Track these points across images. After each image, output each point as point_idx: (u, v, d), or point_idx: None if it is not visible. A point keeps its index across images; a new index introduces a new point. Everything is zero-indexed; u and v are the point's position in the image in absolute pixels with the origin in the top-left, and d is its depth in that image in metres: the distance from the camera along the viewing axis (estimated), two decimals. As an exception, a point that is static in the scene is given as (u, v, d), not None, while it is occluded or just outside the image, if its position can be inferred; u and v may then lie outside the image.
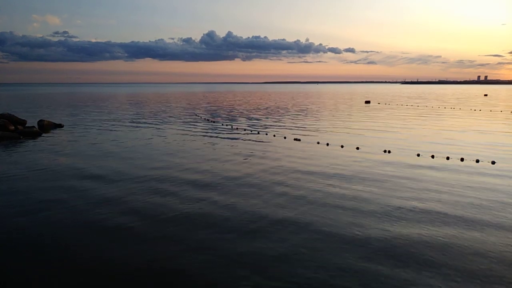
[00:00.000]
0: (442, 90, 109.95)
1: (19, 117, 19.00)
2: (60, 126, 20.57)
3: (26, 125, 18.49)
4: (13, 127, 17.19)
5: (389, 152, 12.69)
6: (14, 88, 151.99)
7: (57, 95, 73.58)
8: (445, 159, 11.55)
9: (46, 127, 19.83)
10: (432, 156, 11.86)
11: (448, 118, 24.77)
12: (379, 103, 42.51)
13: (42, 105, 40.60)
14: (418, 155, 12.11)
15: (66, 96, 68.30)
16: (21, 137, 16.47)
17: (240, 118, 25.54)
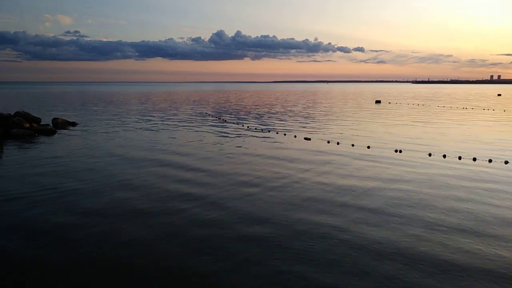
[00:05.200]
0: (454, 90, 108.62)
1: (33, 115, 19.35)
2: (73, 124, 20.91)
3: (41, 123, 18.83)
4: (28, 125, 17.52)
5: (400, 151, 12.66)
6: (28, 87, 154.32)
7: (69, 94, 74.59)
8: (457, 158, 11.49)
9: (60, 125, 20.17)
10: (444, 156, 11.81)
11: (460, 118, 24.53)
12: (389, 103, 42.22)
13: (56, 104, 41.23)
14: (430, 154, 12.07)
15: (79, 95, 69.21)
16: (36, 134, 16.80)
17: (250, 117, 25.63)
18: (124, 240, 5.76)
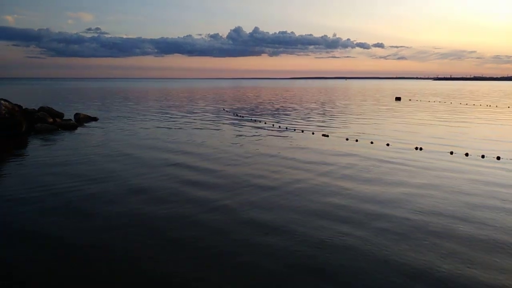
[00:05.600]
0: (478, 87, 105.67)
1: (56, 110, 19.86)
2: (95, 119, 21.36)
3: (64, 118, 19.31)
4: (52, 120, 18.00)
5: (420, 149, 12.44)
6: (51, 83, 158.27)
7: (91, 90, 76.18)
8: (480, 157, 11.21)
9: (82, 120, 20.64)
10: (466, 154, 11.53)
11: (483, 116, 23.89)
12: (410, 100, 41.46)
13: (77, 99, 42.18)
14: (451, 152, 11.81)
15: (99, 91, 70.61)
16: (59, 129, 17.25)
17: (267, 114, 25.62)
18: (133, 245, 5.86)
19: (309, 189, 8.10)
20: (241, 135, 15.68)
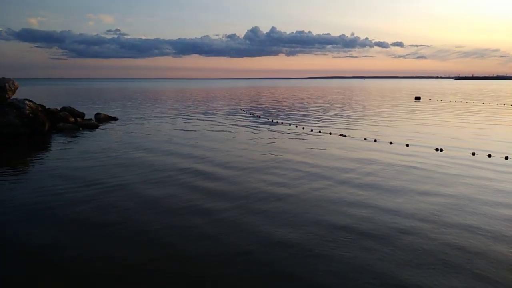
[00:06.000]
0: (501, 86, 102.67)
1: (78, 110, 20.31)
2: (114, 119, 21.76)
3: (85, 118, 19.74)
4: (73, 119, 18.43)
5: (441, 150, 12.19)
6: (73, 83, 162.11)
7: (111, 90, 77.62)
8: (504, 159, 10.90)
9: (102, 119, 21.06)
10: (489, 155, 11.24)
11: (507, 116, 23.21)
12: (430, 99, 40.66)
13: (98, 99, 43.05)
14: (473, 153, 11.53)
15: (119, 91, 71.88)
16: (80, 128, 17.64)
17: (283, 113, 25.57)
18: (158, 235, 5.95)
19: (328, 197, 7.48)
20: (257, 137, 15.68)
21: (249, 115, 24.72)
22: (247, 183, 8.60)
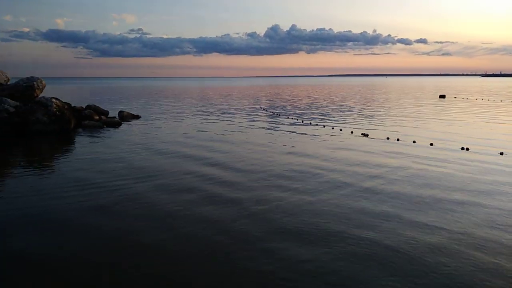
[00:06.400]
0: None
1: (102, 108, 20.80)
2: (137, 117, 22.17)
3: (108, 116, 20.19)
4: (98, 117, 18.88)
5: (467, 149, 11.85)
6: (97, 82, 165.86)
7: (133, 88, 79.08)
8: (534, 159, 10.50)
9: (125, 117, 21.48)
10: (518, 155, 10.85)
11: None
12: (455, 97, 39.55)
13: (121, 97, 43.95)
14: (502, 153, 11.16)
15: (141, 89, 73.16)
16: (104, 126, 18.06)
17: (304, 111, 25.41)
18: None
19: (352, 199, 7.25)
20: (277, 135, 15.66)
21: (270, 113, 24.69)
22: (264, 188, 8.59)
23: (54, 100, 16.56)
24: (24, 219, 6.44)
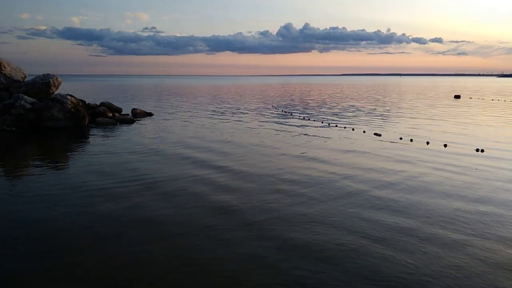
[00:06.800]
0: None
1: (115, 105, 21.04)
2: (150, 114, 22.36)
3: (122, 113, 20.42)
4: (111, 114, 19.10)
5: (482, 151, 11.64)
6: (111, 79, 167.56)
7: (146, 86, 79.77)
8: (551, 161, 10.25)
9: (138, 115, 21.69)
10: (535, 158, 10.61)
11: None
12: (470, 98, 38.85)
13: (134, 95, 44.39)
14: (518, 156, 10.93)
15: (154, 87, 73.76)
16: (118, 123, 18.28)
17: (316, 111, 25.28)
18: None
19: (365, 204, 6.92)
20: (289, 135, 15.59)
21: (281, 112, 24.64)
22: (276, 184, 8.58)
23: (69, 97, 16.82)
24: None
